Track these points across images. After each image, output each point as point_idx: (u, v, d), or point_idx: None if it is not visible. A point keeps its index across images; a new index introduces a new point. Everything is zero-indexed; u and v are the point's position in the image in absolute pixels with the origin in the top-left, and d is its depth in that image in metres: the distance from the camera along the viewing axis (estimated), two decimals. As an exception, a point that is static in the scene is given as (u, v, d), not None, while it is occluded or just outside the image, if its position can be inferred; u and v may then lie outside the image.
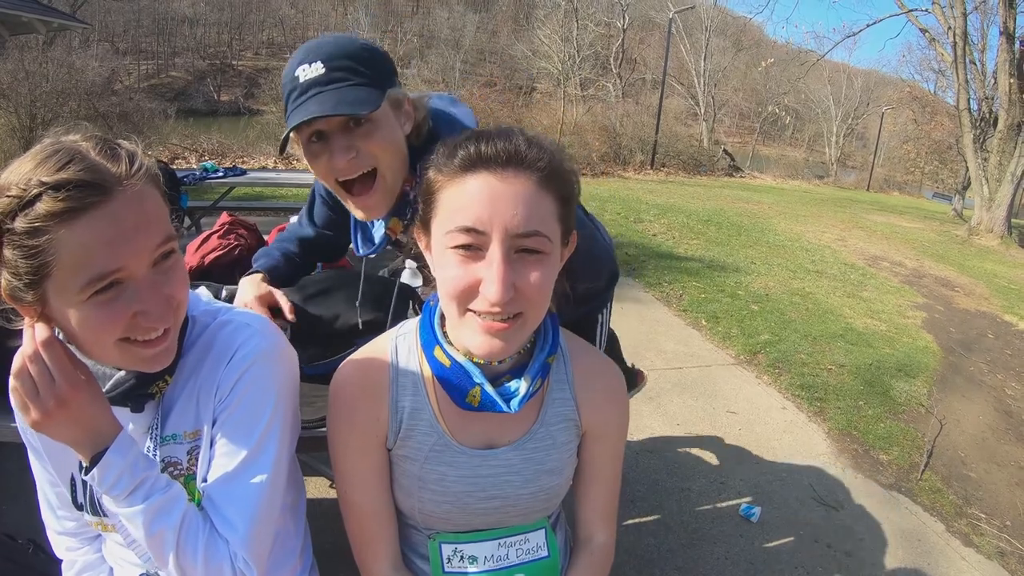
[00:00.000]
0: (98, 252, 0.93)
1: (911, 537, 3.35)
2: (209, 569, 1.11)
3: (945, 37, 17.92)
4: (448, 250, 1.07)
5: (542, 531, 1.35)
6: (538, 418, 1.29)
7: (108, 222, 0.93)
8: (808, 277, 8.64)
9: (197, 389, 1.18)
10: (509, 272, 1.04)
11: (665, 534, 3.14)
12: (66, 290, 0.94)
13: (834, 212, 17.18)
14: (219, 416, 1.17)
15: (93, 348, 1.02)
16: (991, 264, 12.27)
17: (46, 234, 0.90)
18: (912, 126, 38.99)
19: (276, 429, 1.20)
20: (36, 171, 0.91)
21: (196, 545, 1.10)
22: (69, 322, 0.97)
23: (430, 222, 1.14)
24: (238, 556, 1.14)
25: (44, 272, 0.92)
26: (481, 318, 1.08)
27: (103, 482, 1.02)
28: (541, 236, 1.06)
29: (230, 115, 43.76)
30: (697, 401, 4.59)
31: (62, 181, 0.90)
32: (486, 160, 1.06)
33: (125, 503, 1.04)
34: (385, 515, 1.32)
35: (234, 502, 1.16)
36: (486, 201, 1.04)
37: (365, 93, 1.46)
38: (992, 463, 4.30)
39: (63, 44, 18.58)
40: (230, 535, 1.14)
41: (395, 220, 1.68)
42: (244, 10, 62.33)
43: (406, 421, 1.26)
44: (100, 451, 1.02)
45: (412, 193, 1.56)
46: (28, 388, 0.96)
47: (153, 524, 1.06)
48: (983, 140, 17.60)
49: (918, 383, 5.44)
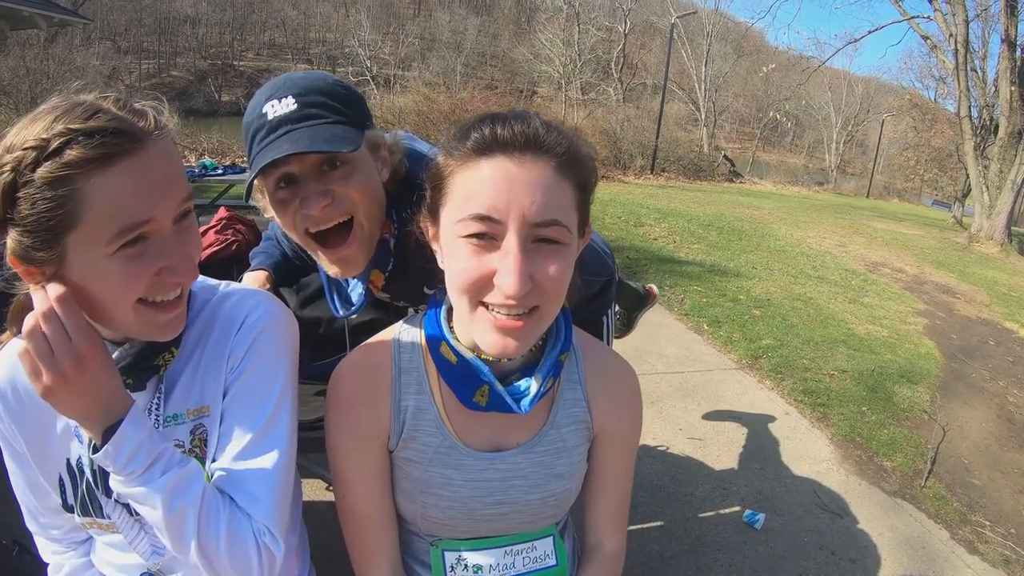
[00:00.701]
0: (130, 202, 0.90)
1: (915, 544, 3.32)
2: (233, 547, 1.06)
3: (946, 44, 17.98)
4: (459, 239, 1.00)
5: (550, 538, 1.29)
6: (548, 419, 1.23)
7: (140, 171, 0.91)
8: (809, 282, 8.61)
9: (202, 364, 1.14)
10: (526, 263, 0.96)
11: (668, 540, 3.10)
12: (93, 242, 0.90)
13: (834, 218, 17.17)
14: (231, 386, 1.14)
15: (111, 310, 0.96)
16: (991, 271, 12.28)
17: (74, 183, 0.87)
18: (912, 133, 39.23)
19: (288, 397, 1.17)
20: (58, 122, 0.87)
21: (218, 522, 1.05)
22: (88, 281, 0.92)
23: (439, 210, 1.07)
24: (263, 531, 1.10)
25: (68, 224, 0.88)
26: (494, 313, 1.01)
27: (118, 458, 0.96)
28: (560, 226, 0.99)
29: (231, 115, 43.79)
30: (699, 406, 4.55)
31: (95, 128, 0.87)
32: (502, 143, 0.98)
33: (141, 480, 0.98)
34: (386, 521, 1.25)
35: (255, 474, 1.12)
36: (502, 187, 0.97)
37: (343, 131, 1.30)
38: (996, 470, 4.27)
39: (64, 42, 18.61)
40: (253, 509, 1.10)
41: (376, 272, 1.52)
42: (246, 10, 62.42)
43: (409, 421, 1.19)
44: (112, 424, 0.96)
45: (392, 241, 1.44)
46: (42, 349, 0.89)
47: (173, 501, 1.00)
48: (984, 148, 17.65)
49: (921, 389, 5.41)
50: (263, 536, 1.09)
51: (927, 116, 35.62)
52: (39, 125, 0.88)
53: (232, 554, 1.05)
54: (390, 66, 51.08)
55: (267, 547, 1.09)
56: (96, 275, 0.92)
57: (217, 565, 1.05)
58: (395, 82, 42.20)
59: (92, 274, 0.92)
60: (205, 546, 1.03)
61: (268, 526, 1.10)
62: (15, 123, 0.91)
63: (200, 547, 1.03)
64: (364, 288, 1.57)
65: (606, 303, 2.14)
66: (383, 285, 1.54)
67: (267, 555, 1.09)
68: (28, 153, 0.86)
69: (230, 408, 1.13)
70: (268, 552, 1.09)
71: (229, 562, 1.05)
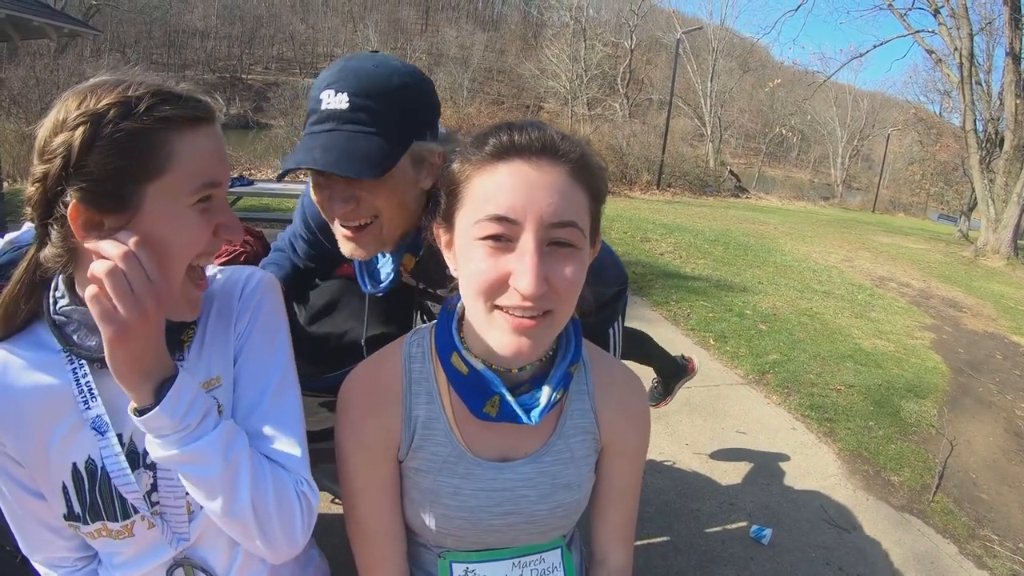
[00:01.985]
0: (211, 161, 1.00)
1: (924, 559, 3.31)
2: (280, 500, 1.08)
3: (951, 58, 18.04)
4: (476, 241, 1.01)
5: (558, 551, 1.28)
6: (556, 430, 1.23)
7: (216, 139, 1.02)
8: (816, 297, 8.61)
9: (207, 338, 1.16)
10: (542, 264, 0.98)
11: (675, 556, 3.09)
12: (177, 192, 0.96)
13: (840, 233, 17.17)
14: (240, 352, 1.17)
15: (172, 265, 0.99)
16: (998, 285, 12.26)
17: (167, 136, 0.94)
18: (917, 147, 39.15)
19: (290, 353, 1.22)
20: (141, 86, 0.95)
21: (265, 473, 1.07)
22: (162, 229, 0.96)
23: (454, 215, 1.08)
24: (301, 480, 1.12)
25: (155, 172, 0.94)
26: (509, 315, 1.02)
27: (176, 410, 0.96)
28: (575, 228, 1.01)
29: (239, 128, 43.91)
30: (706, 421, 4.54)
31: (183, 93, 0.98)
32: (520, 148, 1.01)
33: (196, 433, 0.99)
34: (394, 533, 1.25)
35: (283, 427, 1.15)
36: (520, 189, 0.99)
37: (379, 150, 1.32)
38: (1004, 484, 4.27)
39: (74, 53, 18.78)
40: (288, 461, 1.13)
41: (408, 256, 1.56)
42: (255, 25, 62.74)
43: (419, 431, 1.19)
44: (166, 377, 0.97)
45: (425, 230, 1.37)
46: (123, 287, 0.90)
47: (228, 452, 1.02)
48: (989, 161, 17.65)
49: (928, 404, 5.40)
50: (302, 486, 1.12)
51: (932, 130, 35.58)
52: (113, 92, 0.93)
53: (280, 506, 1.08)
54: (397, 81, 51.31)
55: (306, 497, 1.12)
56: (171, 224, 0.97)
57: (265, 521, 1.07)
58: (402, 97, 42.39)
59: (168, 222, 0.96)
60: (257, 500, 1.05)
61: (304, 475, 1.13)
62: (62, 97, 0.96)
63: (253, 501, 1.04)
64: (394, 268, 1.60)
65: (615, 312, 2.14)
66: (412, 268, 1.58)
67: (307, 505, 1.12)
68: (113, 108, 0.91)
69: (243, 371, 1.17)
70: (307, 502, 1.12)
71: (277, 516, 1.08)
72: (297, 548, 1.13)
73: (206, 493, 1.04)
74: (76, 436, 1.10)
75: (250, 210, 9.68)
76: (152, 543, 1.18)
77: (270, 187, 8.15)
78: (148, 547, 1.19)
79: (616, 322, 2.30)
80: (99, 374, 1.04)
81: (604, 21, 53.74)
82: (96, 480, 1.12)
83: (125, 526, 1.15)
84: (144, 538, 1.17)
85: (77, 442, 1.10)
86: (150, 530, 1.16)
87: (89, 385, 1.06)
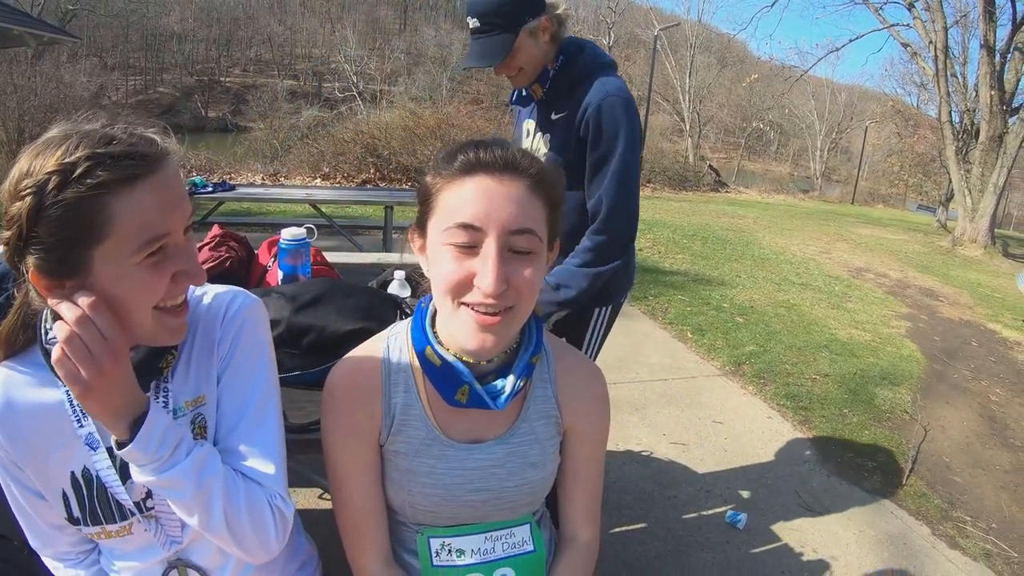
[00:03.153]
0: (153, 217, 1.01)
1: (897, 541, 3.39)
2: (253, 514, 1.17)
3: (927, 51, 18.16)
4: (444, 247, 1.13)
5: (527, 526, 1.39)
6: (521, 414, 1.34)
7: (159, 190, 1.02)
8: (793, 289, 8.71)
9: (192, 358, 1.23)
10: (503, 266, 1.10)
11: (652, 542, 3.17)
12: (120, 254, 0.99)
13: (819, 225, 17.29)
14: (223, 373, 1.24)
15: (133, 315, 1.05)
16: (975, 274, 12.40)
17: (103, 201, 0.96)
18: (895, 139, 39.46)
19: (273, 375, 1.30)
20: (80, 149, 0.96)
21: (238, 492, 1.16)
22: (114, 288, 1.01)
23: (426, 223, 1.20)
24: (275, 495, 1.21)
25: (97, 239, 0.97)
26: (474, 312, 1.13)
27: (148, 445, 1.04)
28: (533, 235, 1.13)
29: (218, 131, 43.64)
30: (683, 412, 4.62)
31: (118, 152, 0.98)
32: (485, 164, 1.13)
33: (170, 462, 1.07)
34: (377, 512, 1.36)
35: (259, 446, 1.23)
36: (483, 200, 1.11)
37: (500, 44, 2.20)
38: (977, 467, 4.35)
39: (52, 58, 18.57)
40: (263, 478, 1.21)
41: (536, 86, 2.36)
42: (232, 27, 62.34)
43: (398, 416, 1.31)
44: (138, 415, 1.05)
45: (551, 71, 2.32)
46: (80, 351, 0.97)
47: (202, 475, 1.10)
48: (965, 152, 17.77)
49: (902, 391, 5.50)
50: (275, 500, 1.21)
51: (910, 122, 35.83)
52: (56, 152, 0.96)
53: (252, 520, 1.16)
54: (376, 81, 51.01)
55: (280, 510, 1.21)
56: (122, 283, 1.01)
57: (239, 534, 1.16)
58: (381, 97, 42.21)
59: (118, 282, 1.01)
60: (231, 516, 1.14)
61: (278, 491, 1.22)
62: (24, 152, 0.99)
63: (227, 518, 1.13)
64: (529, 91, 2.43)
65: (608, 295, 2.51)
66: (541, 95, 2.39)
67: (280, 517, 1.21)
68: (52, 177, 0.94)
69: (225, 392, 1.24)
70: (281, 515, 1.21)
71: (251, 528, 1.16)
72: (272, 554, 1.23)
73: (184, 511, 1.14)
74: (73, 449, 1.18)
75: (232, 215, 9.67)
76: (149, 541, 1.26)
77: (251, 191, 8.15)
78: (146, 544, 1.27)
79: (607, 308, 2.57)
80: None
81: (582, 19, 53.80)
82: (93, 488, 1.20)
83: (123, 526, 1.24)
84: (142, 537, 1.26)
85: (74, 454, 1.18)
86: (147, 531, 1.25)
87: (79, 406, 1.14)
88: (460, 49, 54.34)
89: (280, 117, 29.65)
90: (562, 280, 2.34)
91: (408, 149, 17.04)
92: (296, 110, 35.34)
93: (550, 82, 2.33)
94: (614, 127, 2.22)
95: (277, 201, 9.48)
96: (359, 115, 25.80)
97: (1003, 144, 15.84)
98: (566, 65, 2.32)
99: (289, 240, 2.45)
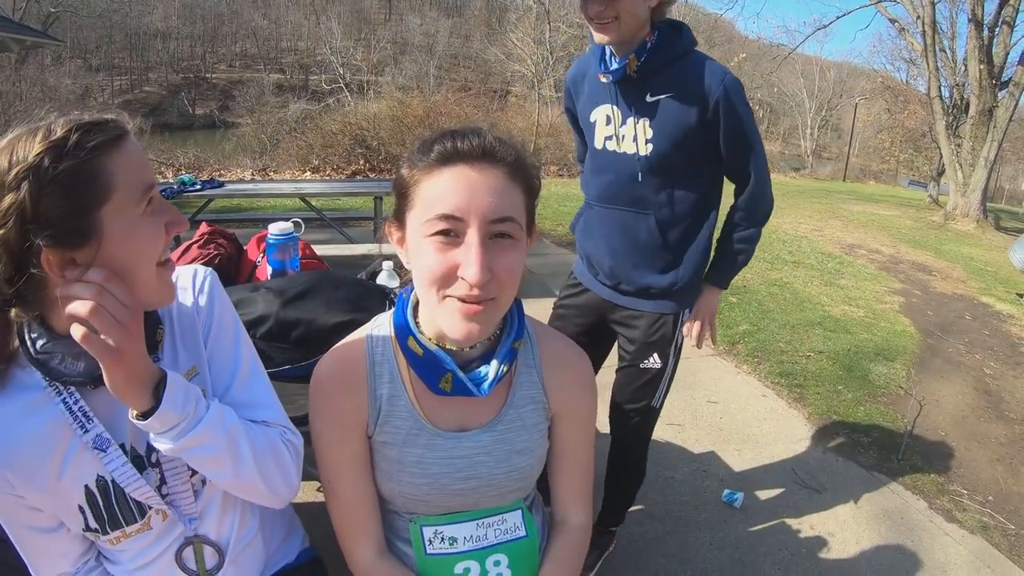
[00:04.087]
0: (142, 167, 1.08)
1: (894, 515, 3.41)
2: (274, 450, 1.26)
3: (915, 26, 18.07)
4: (425, 239, 1.13)
5: (519, 512, 1.40)
6: (507, 401, 1.35)
7: (137, 147, 1.09)
8: (785, 268, 8.71)
9: (177, 334, 1.28)
10: (486, 255, 1.10)
11: (650, 522, 3.19)
12: (127, 206, 1.05)
13: (811, 203, 17.27)
14: (208, 338, 1.30)
15: (143, 273, 1.09)
16: (967, 248, 12.40)
17: (100, 162, 1.01)
18: (886, 115, 39.43)
19: (242, 328, 1.38)
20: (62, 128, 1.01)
21: (256, 432, 1.24)
22: (127, 244, 1.05)
23: (405, 215, 1.20)
24: (283, 430, 1.31)
25: (104, 197, 1.02)
26: (459, 302, 1.14)
27: (175, 402, 1.09)
28: (514, 222, 1.14)
29: (205, 128, 43.59)
30: (678, 392, 4.59)
31: (98, 119, 1.05)
32: (462, 154, 1.13)
33: (195, 418, 1.12)
34: (368, 502, 1.37)
35: (256, 392, 1.33)
36: (463, 190, 1.11)
37: None
38: (973, 441, 4.37)
39: (35, 62, 18.53)
40: (269, 416, 1.31)
41: (632, 57, 2.14)
42: (216, 23, 61.99)
43: (384, 407, 1.32)
44: (158, 380, 1.09)
45: (648, 43, 2.13)
46: (107, 319, 1.00)
47: (225, 422, 1.17)
48: (956, 126, 17.77)
49: (896, 366, 5.51)
50: (286, 435, 1.31)
51: (900, 98, 35.78)
52: (36, 138, 1.00)
53: (275, 456, 1.25)
54: (363, 72, 50.83)
55: (292, 443, 1.32)
56: (133, 235, 1.06)
57: (267, 473, 1.24)
58: (368, 88, 42.04)
59: (130, 236, 1.05)
60: (258, 457, 1.21)
61: (283, 424, 1.33)
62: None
63: (255, 459, 1.20)
64: (621, 63, 2.17)
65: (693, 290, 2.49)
66: (636, 67, 2.15)
67: (294, 450, 1.33)
68: (44, 156, 0.97)
69: (214, 355, 1.31)
70: (294, 447, 1.33)
71: (275, 465, 1.25)
72: (295, 490, 1.32)
73: (216, 467, 1.19)
74: (81, 461, 1.19)
75: (222, 212, 9.63)
76: (164, 530, 1.30)
77: (241, 188, 8.11)
78: (160, 535, 1.30)
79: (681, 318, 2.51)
80: (90, 395, 1.15)
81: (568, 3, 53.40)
82: (110, 494, 1.22)
83: (143, 523, 1.27)
84: (158, 528, 1.29)
85: (84, 466, 1.19)
86: (164, 520, 1.28)
87: (83, 409, 1.16)
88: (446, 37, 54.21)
89: (268, 111, 29.64)
90: (738, 247, 2.43)
91: (397, 139, 16.99)
92: (283, 104, 35.29)
93: (647, 54, 2.15)
94: (746, 106, 2.19)
95: (267, 196, 9.45)
96: (347, 107, 25.73)
97: (993, 118, 15.80)
98: (664, 41, 2.15)
99: (277, 235, 2.45)
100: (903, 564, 3.06)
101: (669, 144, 2.20)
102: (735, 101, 2.14)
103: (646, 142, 2.22)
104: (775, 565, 2.98)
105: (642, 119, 2.21)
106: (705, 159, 2.28)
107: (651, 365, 2.51)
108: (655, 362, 2.50)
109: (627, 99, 2.24)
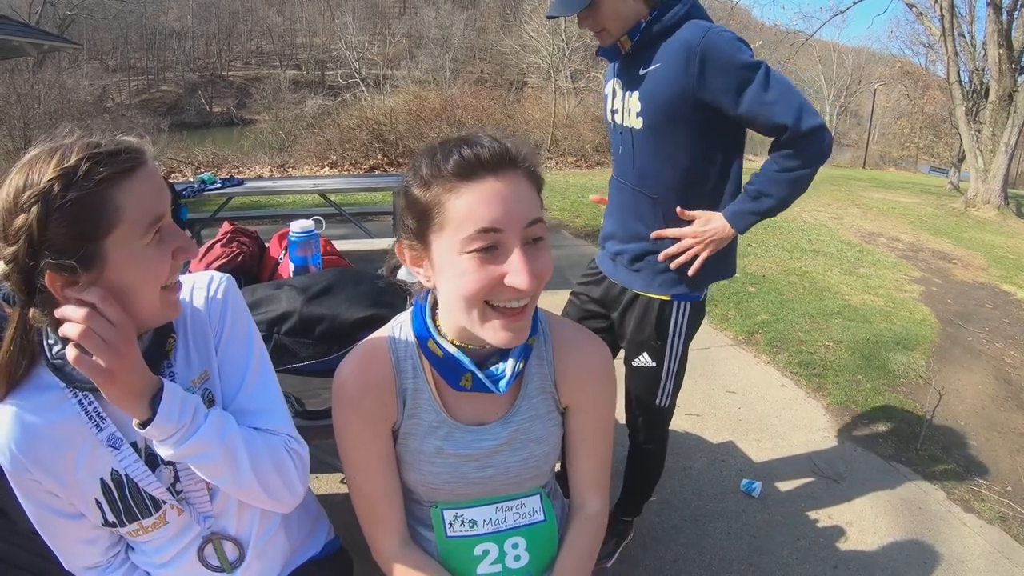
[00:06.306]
0: (153, 199, 1.11)
1: (912, 505, 3.41)
2: (276, 461, 1.28)
3: (932, 11, 17.87)
4: (462, 255, 1.15)
5: (537, 497, 1.45)
6: (521, 392, 1.40)
7: (152, 178, 1.12)
8: (805, 256, 8.66)
9: (190, 339, 1.33)
10: (530, 262, 1.14)
11: (669, 512, 3.22)
12: (131, 237, 1.08)
13: (830, 191, 17.12)
14: (219, 344, 1.34)
15: (144, 297, 1.14)
16: (988, 235, 12.24)
17: (109, 194, 1.05)
18: (905, 101, 39.00)
19: (257, 335, 1.40)
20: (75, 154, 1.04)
21: (257, 442, 1.26)
22: (128, 272, 1.10)
23: (428, 236, 1.21)
24: (288, 439, 1.33)
25: (109, 228, 1.06)
26: (501, 312, 1.18)
27: (171, 415, 1.13)
28: (542, 222, 1.18)
29: (223, 126, 43.78)
30: (696, 383, 4.63)
31: (111, 150, 1.07)
32: (485, 164, 1.14)
33: (192, 428, 1.17)
34: (393, 496, 1.42)
35: (264, 399, 1.35)
36: (496, 203, 1.13)
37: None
38: (992, 431, 4.34)
39: (53, 65, 18.71)
40: (275, 425, 1.33)
41: (625, 38, 2.20)
42: (231, 20, 62.06)
43: (409, 402, 1.37)
44: (156, 391, 1.14)
45: (643, 24, 2.14)
46: (96, 342, 1.04)
47: (223, 433, 1.20)
48: (975, 112, 17.51)
49: (916, 355, 5.47)
50: (291, 444, 1.33)
51: (919, 83, 35.43)
52: (51, 162, 1.04)
53: (276, 465, 1.28)
54: (378, 66, 50.75)
55: (296, 451, 1.34)
56: (134, 265, 1.10)
57: (267, 481, 1.27)
58: (384, 82, 42.05)
59: (130, 265, 1.09)
60: (257, 466, 1.24)
61: (289, 433, 1.35)
62: (11, 172, 1.07)
63: (254, 468, 1.23)
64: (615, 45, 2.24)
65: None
66: (629, 47, 2.21)
67: (298, 458, 1.34)
68: (55, 183, 1.02)
69: (224, 361, 1.34)
70: (298, 455, 1.35)
71: (276, 473, 1.28)
72: (299, 496, 1.35)
73: (214, 474, 1.23)
74: (96, 456, 1.24)
75: (242, 209, 9.72)
76: (182, 527, 1.35)
77: (260, 185, 8.18)
78: (180, 530, 1.35)
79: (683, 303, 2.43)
80: (102, 398, 1.18)
81: (583, -7, 53.13)
82: (124, 488, 1.27)
83: (159, 517, 1.32)
84: (176, 523, 1.34)
85: (100, 461, 1.24)
86: (180, 516, 1.33)
87: (96, 410, 1.22)
88: (461, 29, 54.11)
89: (284, 108, 29.71)
90: (763, 188, 2.30)
91: (414, 133, 17.05)
92: (300, 100, 35.35)
93: (640, 34, 2.14)
94: (736, 59, 2.04)
95: (286, 193, 9.51)
96: (363, 101, 25.76)
97: (1013, 103, 15.59)
98: (659, 16, 2.10)
99: (298, 233, 2.50)
100: (920, 554, 3.06)
101: (655, 116, 2.17)
102: (718, 56, 2.02)
103: (636, 115, 2.23)
104: (793, 554, 3.00)
105: (634, 93, 2.22)
106: (706, 129, 2.18)
107: (643, 364, 2.49)
108: (646, 361, 2.48)
109: (627, 73, 2.26)
